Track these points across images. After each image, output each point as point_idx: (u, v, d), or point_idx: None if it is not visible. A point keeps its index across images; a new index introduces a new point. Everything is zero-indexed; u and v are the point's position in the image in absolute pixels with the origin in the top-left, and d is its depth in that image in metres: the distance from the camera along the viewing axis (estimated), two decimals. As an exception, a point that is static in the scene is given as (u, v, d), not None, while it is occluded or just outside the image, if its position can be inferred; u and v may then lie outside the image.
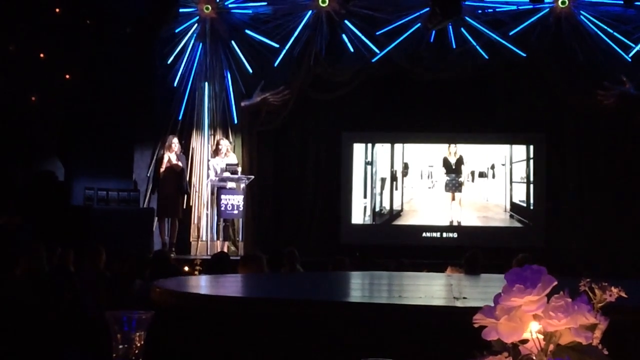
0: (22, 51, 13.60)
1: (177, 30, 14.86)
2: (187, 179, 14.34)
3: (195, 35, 14.93)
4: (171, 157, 13.92)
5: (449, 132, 15.15)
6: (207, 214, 14.47)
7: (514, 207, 15.09)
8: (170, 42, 14.82)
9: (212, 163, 14.22)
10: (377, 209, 15.32)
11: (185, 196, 14.40)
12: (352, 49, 14.80)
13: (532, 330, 1.63)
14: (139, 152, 14.70)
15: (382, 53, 14.74)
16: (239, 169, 14.13)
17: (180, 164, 13.97)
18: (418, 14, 14.57)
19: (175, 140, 14.04)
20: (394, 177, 15.30)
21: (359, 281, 6.46)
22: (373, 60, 14.78)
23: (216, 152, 14.29)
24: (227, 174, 13.90)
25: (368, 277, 6.90)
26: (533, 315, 1.63)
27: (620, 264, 12.38)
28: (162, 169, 13.87)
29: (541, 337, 1.63)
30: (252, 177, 14.17)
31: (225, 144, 14.32)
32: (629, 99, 14.18)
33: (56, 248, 9.05)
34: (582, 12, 14.47)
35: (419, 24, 14.59)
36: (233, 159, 14.27)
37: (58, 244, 9.30)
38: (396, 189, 15.29)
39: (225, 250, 13.29)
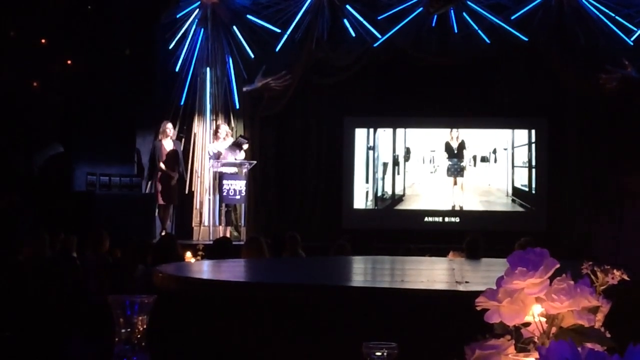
0: (23, 37, 13.57)
1: (178, 16, 14.84)
2: (184, 164, 14.34)
3: (196, 20, 14.90)
4: (166, 142, 13.95)
5: (451, 117, 15.11)
6: (209, 200, 14.49)
7: (516, 191, 15.08)
8: (171, 28, 14.80)
9: (210, 148, 14.23)
10: (379, 193, 15.31)
11: (187, 182, 14.43)
12: (353, 34, 14.75)
13: (535, 313, 1.63)
14: (140, 138, 14.69)
15: (384, 38, 14.70)
16: (246, 146, 14.06)
17: (175, 149, 14.00)
18: (420, -2, 14.54)
19: (169, 126, 14.08)
20: (396, 162, 15.28)
21: (361, 266, 6.47)
22: (375, 45, 14.74)
23: (216, 136, 14.31)
24: (230, 157, 13.86)
25: (370, 262, 6.90)
26: (535, 297, 1.63)
27: (621, 247, 12.36)
28: (158, 155, 13.89)
29: (543, 319, 1.63)
30: (255, 162, 14.16)
31: (224, 129, 14.33)
32: (630, 82, 14.13)
33: (59, 234, 9.08)
34: (584, -5, 14.42)
35: (421, 9, 14.55)
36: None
37: (60, 229, 9.32)
38: (398, 173, 15.27)
39: (228, 235, 13.30)
